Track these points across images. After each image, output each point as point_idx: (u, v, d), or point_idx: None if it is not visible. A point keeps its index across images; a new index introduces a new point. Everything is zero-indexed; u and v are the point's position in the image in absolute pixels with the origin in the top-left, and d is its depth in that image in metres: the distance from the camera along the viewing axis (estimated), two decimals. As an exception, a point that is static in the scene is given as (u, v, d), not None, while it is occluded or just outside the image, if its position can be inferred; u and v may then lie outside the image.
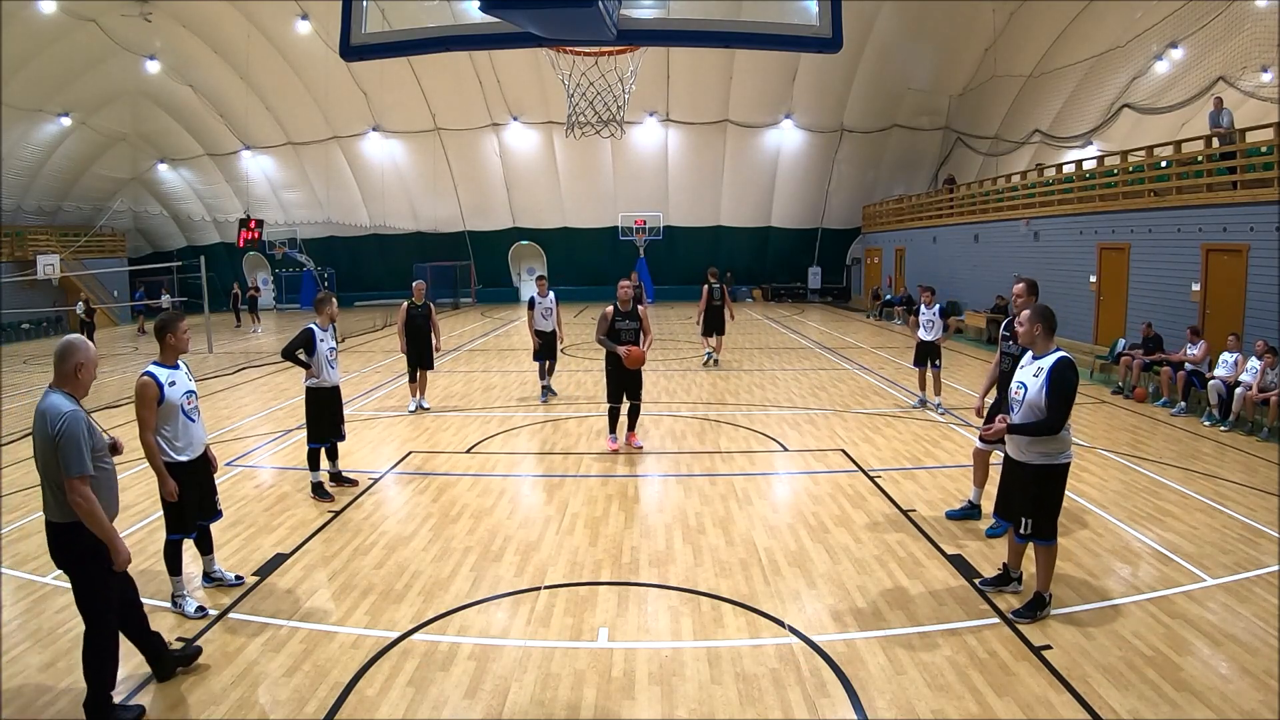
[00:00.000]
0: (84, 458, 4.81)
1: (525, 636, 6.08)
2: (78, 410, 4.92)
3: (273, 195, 40.76)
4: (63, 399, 4.94)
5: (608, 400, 11.45)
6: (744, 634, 6.08)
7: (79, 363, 5.03)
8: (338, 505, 9.10)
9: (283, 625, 6.23)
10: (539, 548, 7.82)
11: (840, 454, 11.18)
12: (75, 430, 4.79)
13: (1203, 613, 6.28)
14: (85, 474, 4.81)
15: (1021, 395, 6.16)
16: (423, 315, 13.78)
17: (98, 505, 4.84)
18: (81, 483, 4.79)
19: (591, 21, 3.70)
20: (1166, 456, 10.98)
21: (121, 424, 13.62)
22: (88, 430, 4.91)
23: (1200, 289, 15.60)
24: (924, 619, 6.25)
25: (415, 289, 14.17)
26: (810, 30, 4.31)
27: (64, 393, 4.99)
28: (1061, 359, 6.03)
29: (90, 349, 5.15)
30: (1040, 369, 6.07)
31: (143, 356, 23.18)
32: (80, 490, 4.78)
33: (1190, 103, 22.89)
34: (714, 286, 18.44)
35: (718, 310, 18.68)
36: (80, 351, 5.04)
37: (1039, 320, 6.20)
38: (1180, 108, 23.58)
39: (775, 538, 8.01)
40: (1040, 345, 6.20)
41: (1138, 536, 7.92)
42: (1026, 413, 6.10)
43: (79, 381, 5.06)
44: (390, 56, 4.92)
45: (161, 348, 6.41)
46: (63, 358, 5.02)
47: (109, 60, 31.89)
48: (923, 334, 13.85)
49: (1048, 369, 6.01)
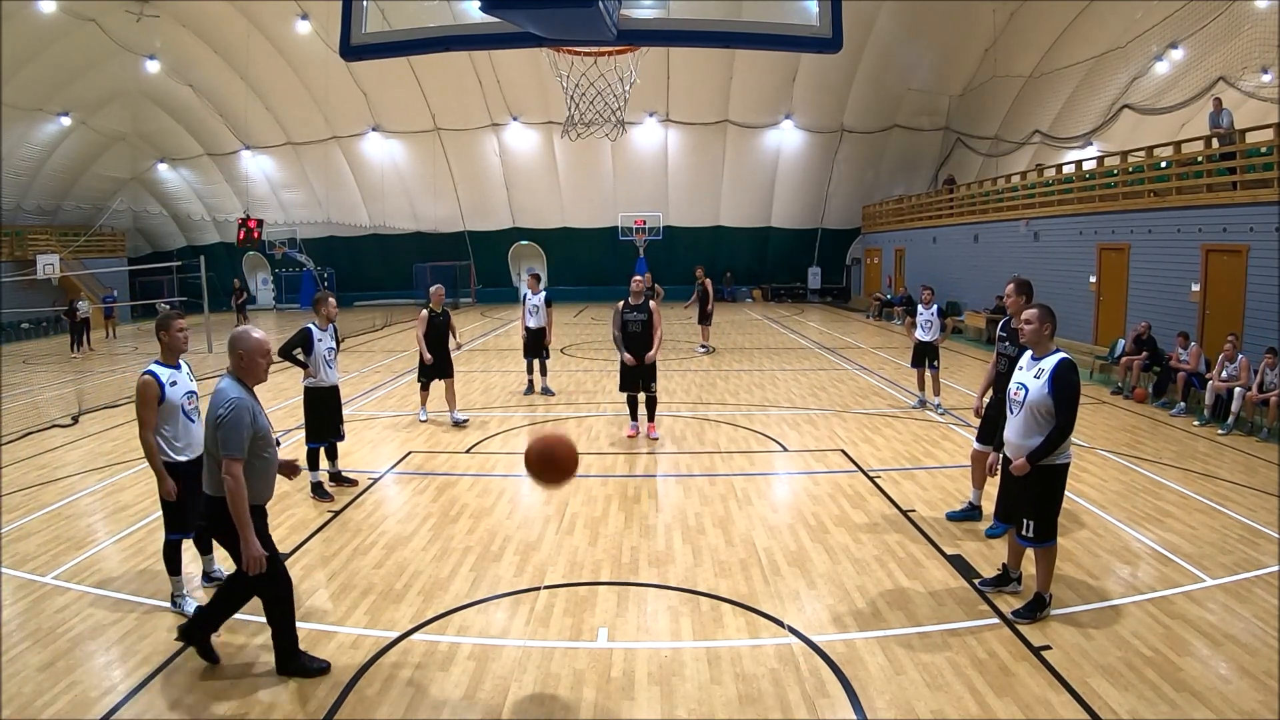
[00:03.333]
0: (241, 442, 5.16)
1: (525, 637, 6.08)
2: (244, 398, 5.28)
3: (272, 195, 40.73)
4: (231, 384, 5.34)
5: (621, 389, 11.92)
6: (743, 634, 6.09)
7: (240, 352, 5.38)
8: (337, 505, 9.10)
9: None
10: (538, 548, 7.82)
11: (840, 454, 11.18)
12: (238, 417, 5.17)
13: (1202, 613, 6.28)
14: (238, 457, 5.15)
15: (1022, 396, 6.14)
16: (444, 323, 12.97)
17: (244, 488, 5.16)
18: (234, 463, 5.14)
19: (592, 21, 3.71)
20: (1166, 457, 10.98)
21: (121, 424, 13.63)
22: (252, 418, 5.27)
23: (1200, 289, 15.60)
24: (923, 619, 6.25)
25: (434, 295, 13.07)
26: (810, 30, 4.32)
27: (234, 378, 5.38)
28: (1063, 360, 6.03)
29: (251, 338, 5.42)
30: (1042, 370, 6.06)
31: (143, 356, 23.18)
32: (233, 470, 5.13)
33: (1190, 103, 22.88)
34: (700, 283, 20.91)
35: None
36: (241, 341, 5.40)
37: (1049, 320, 6.18)
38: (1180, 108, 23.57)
39: (775, 538, 8.01)
40: (1043, 346, 6.20)
41: (1137, 537, 7.93)
42: (1027, 414, 6.09)
43: (245, 369, 5.40)
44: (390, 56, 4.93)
45: (160, 347, 6.42)
46: (230, 348, 5.41)
47: (109, 60, 31.86)
48: (920, 334, 13.84)
49: (1050, 371, 6.00)
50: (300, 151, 39.07)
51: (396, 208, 39.88)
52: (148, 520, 8.59)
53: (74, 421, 13.92)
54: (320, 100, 35.79)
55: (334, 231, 41.11)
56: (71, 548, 7.90)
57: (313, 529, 8.37)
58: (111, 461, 11.21)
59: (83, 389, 16.95)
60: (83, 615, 6.41)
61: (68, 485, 10.12)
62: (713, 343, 22.06)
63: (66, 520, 8.78)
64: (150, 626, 6.20)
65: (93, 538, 8.23)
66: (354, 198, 40.39)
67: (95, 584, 7.01)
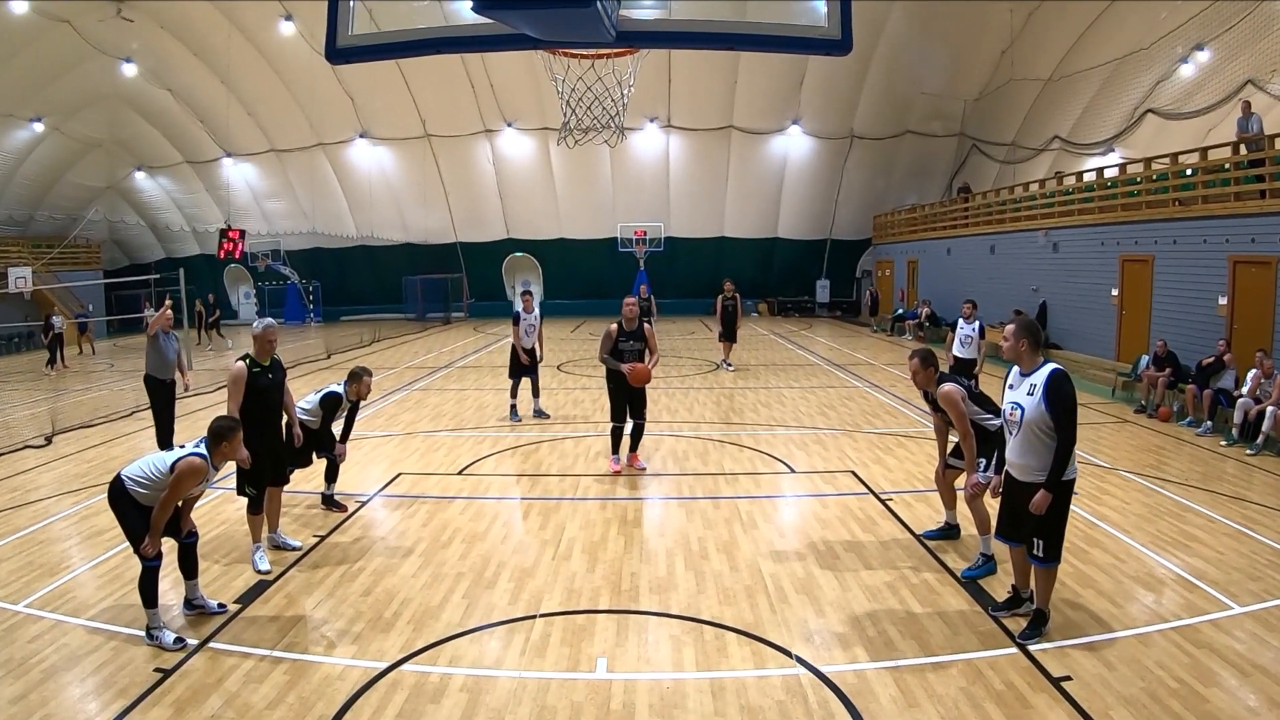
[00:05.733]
0: None
1: (520, 667, 6.10)
2: None
3: (255, 205, 40.90)
4: None
5: (611, 419, 11.49)
6: (749, 664, 6.11)
7: None
8: (324, 529, 9.12)
9: (266, 655, 6.25)
10: (534, 574, 7.84)
11: (850, 476, 11.21)
12: None
13: (1230, 642, 6.30)
14: None
15: (1019, 416, 6.21)
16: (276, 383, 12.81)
17: None
18: None
19: (589, 22, 3.70)
20: (1192, 478, 11.01)
21: (97, 444, 13.68)
22: None
23: (1227, 303, 15.65)
24: (937, 648, 6.28)
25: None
26: (818, 31, 4.28)
27: None
28: (1055, 372, 6.13)
29: None
30: (1034, 385, 6.15)
31: (119, 374, 23.22)
32: None
33: (1217, 108, 22.99)
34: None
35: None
36: None
37: (1024, 335, 6.30)
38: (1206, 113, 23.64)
39: (782, 563, 8.04)
40: (1028, 361, 6.30)
41: (1161, 562, 7.95)
42: (1027, 433, 6.17)
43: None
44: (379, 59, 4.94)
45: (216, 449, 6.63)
46: None
47: (84, 63, 32.01)
48: (958, 350, 13.71)
49: (1043, 385, 6.09)
50: (284, 159, 39.25)
51: (385, 218, 40.04)
52: (124, 545, 8.59)
53: (47, 442, 13.95)
54: (305, 105, 36.00)
55: (320, 243, 41.28)
56: (45, 574, 7.92)
57: (298, 554, 8.39)
58: (87, 484, 11.23)
59: (57, 408, 16.97)
60: (57, 645, 6.43)
61: (41, 509, 10.15)
62: (716, 358, 22.17)
63: (40, 545, 8.81)
64: (127, 657, 6.21)
65: (67, 564, 8.25)
66: (341, 207, 40.56)
67: (69, 612, 7.03)
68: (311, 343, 30.72)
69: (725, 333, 21.26)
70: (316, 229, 40.70)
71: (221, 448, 6.57)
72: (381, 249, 41.07)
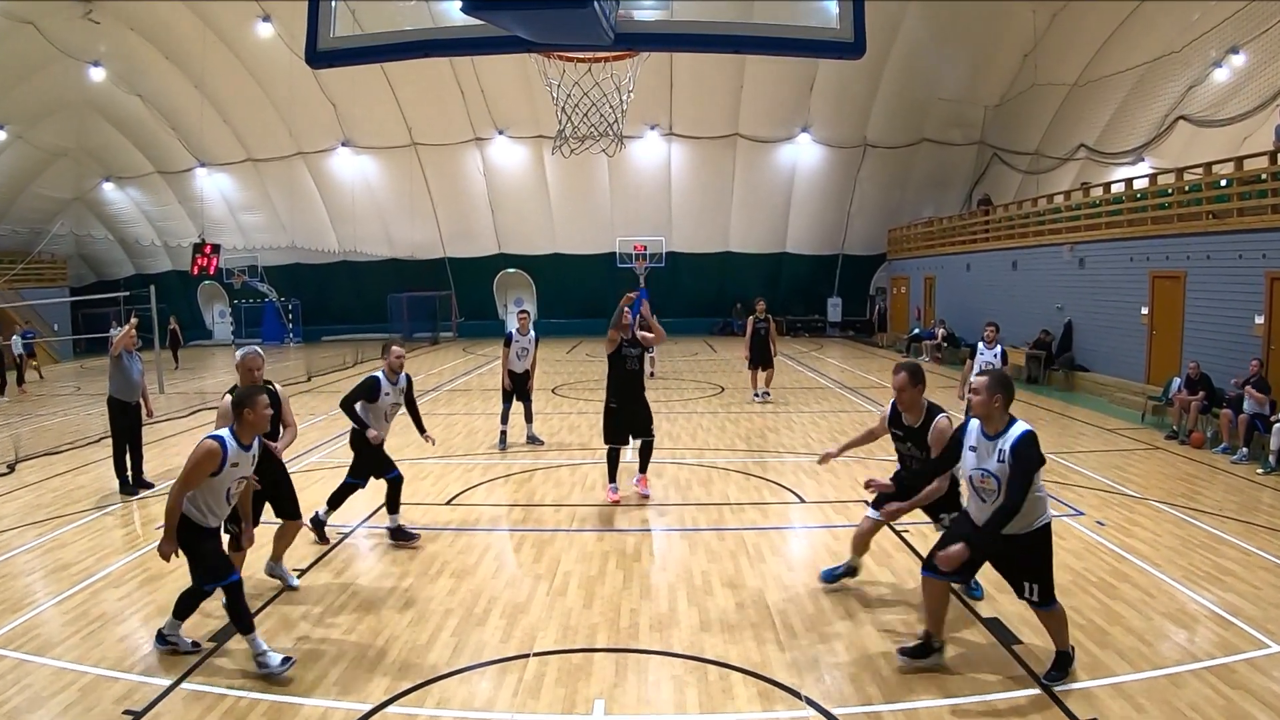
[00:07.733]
0: None
1: (512, 709, 6.13)
2: None
3: (231, 217, 40.97)
4: None
5: (605, 441, 11.45)
6: (755, 706, 6.14)
7: None
8: (303, 564, 9.14)
9: (243, 696, 6.27)
10: (527, 610, 7.87)
11: (863, 506, 11.18)
12: None
13: (1268, 683, 6.32)
14: None
15: (995, 485, 6.14)
16: None
17: None
18: None
19: (586, 23, 3.70)
20: (1227, 509, 11.04)
21: (62, 472, 13.71)
22: None
23: (1264, 322, 15.69)
24: (956, 690, 6.30)
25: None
26: (830, 33, 4.27)
27: None
28: (1026, 434, 6.10)
29: None
30: (1003, 451, 6.09)
31: (84, 396, 23.24)
32: None
33: (1253, 114, 23.12)
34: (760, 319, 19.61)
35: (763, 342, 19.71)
36: None
37: (999, 390, 6.25)
38: (1242, 120, 23.75)
39: (790, 598, 8.07)
40: (997, 421, 6.25)
41: (1194, 598, 7.98)
42: None
43: None
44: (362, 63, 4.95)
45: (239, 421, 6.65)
46: None
47: (49, 67, 32.06)
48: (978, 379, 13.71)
49: (1009, 450, 6.05)
50: (262, 169, 39.38)
51: (369, 232, 40.12)
52: (91, 580, 8.66)
53: (9, 470, 13.99)
54: (284, 112, 36.05)
55: (300, 258, 41.36)
56: (7, 610, 7.95)
57: (276, 590, 8.41)
58: (52, 514, 11.27)
59: (19, 434, 17.01)
60: (20, 685, 6.45)
61: (3, 541, 10.18)
62: (720, 380, 21.99)
63: (1, 580, 8.84)
64: (95, 698, 6.23)
65: (31, 599, 8.28)
66: (322, 220, 40.67)
67: (34, 650, 7.05)
68: (291, 364, 30.77)
69: (757, 359, 19.82)
70: (296, 243, 40.76)
71: (245, 416, 6.56)
72: (365, 265, 41.15)
